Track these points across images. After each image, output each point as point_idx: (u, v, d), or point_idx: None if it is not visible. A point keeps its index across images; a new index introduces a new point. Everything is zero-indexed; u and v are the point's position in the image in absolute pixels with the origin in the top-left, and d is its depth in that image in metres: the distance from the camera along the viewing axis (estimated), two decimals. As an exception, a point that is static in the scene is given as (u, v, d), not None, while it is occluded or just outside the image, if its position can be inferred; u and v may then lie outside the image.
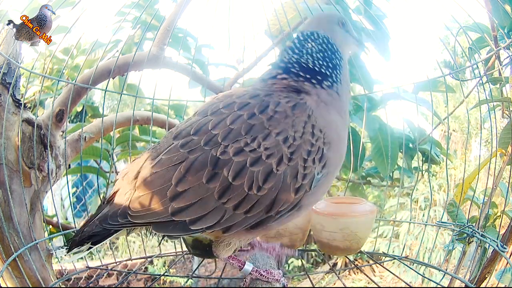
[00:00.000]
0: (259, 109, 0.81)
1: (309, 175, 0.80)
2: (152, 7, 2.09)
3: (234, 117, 0.80)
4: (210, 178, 0.76)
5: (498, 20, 1.36)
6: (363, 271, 1.44)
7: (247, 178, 0.76)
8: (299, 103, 0.83)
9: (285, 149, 0.78)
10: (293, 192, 0.79)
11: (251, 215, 0.78)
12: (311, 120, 0.82)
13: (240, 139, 0.78)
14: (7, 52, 1.18)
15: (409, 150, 2.00)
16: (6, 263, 1.00)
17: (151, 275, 3.52)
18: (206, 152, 0.77)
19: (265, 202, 0.78)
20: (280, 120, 0.80)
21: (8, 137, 1.26)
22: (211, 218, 0.77)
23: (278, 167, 0.77)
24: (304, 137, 0.80)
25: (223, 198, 0.76)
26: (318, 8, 1.53)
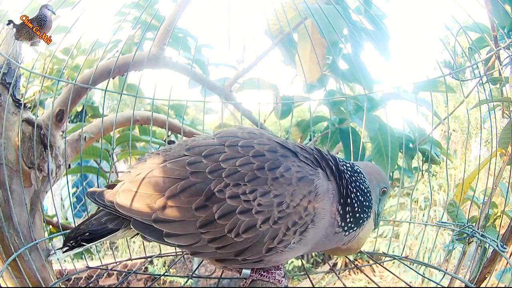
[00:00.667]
0: (269, 166, 0.83)
1: (284, 242, 0.83)
2: (152, 7, 2.09)
3: (245, 161, 0.83)
4: (199, 207, 0.80)
5: (498, 20, 1.36)
6: (363, 271, 1.44)
7: (231, 222, 0.80)
8: (307, 177, 0.85)
9: (275, 212, 0.81)
10: (264, 250, 0.83)
11: (221, 252, 0.83)
12: (311, 196, 0.84)
13: (241, 184, 0.81)
14: (7, 52, 1.18)
15: (409, 150, 2.00)
16: (6, 263, 1.00)
17: (151, 275, 3.52)
18: (207, 182, 0.81)
19: (238, 248, 0.82)
20: (283, 185, 0.82)
21: (8, 137, 1.26)
22: (185, 239, 0.81)
23: (262, 224, 0.81)
24: (297, 208, 0.83)
25: (204, 229, 0.80)
26: (318, 8, 1.53)
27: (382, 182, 1.02)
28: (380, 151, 1.83)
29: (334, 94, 1.96)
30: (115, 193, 0.84)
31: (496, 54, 1.27)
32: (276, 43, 1.91)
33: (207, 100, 1.69)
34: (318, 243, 0.91)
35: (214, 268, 1.55)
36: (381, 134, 1.81)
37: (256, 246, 0.82)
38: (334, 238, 0.91)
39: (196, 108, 5.65)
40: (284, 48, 1.97)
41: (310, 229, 0.85)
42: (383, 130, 1.80)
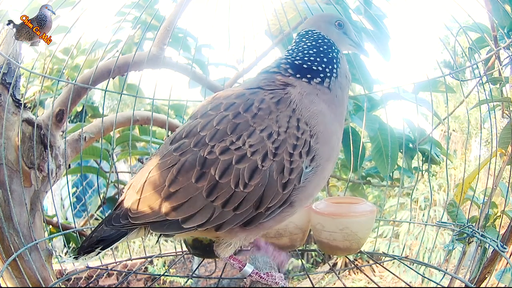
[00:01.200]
0: (244, 108, 0.83)
1: (296, 170, 0.81)
2: (152, 7, 2.09)
3: (220, 117, 0.83)
4: (198, 177, 0.79)
5: (498, 20, 1.36)
6: (363, 271, 1.44)
7: (233, 176, 0.78)
8: (283, 97, 0.84)
9: (269, 144, 0.79)
10: (280, 188, 0.80)
11: (240, 212, 0.80)
12: (296, 114, 0.83)
13: (226, 138, 0.80)
14: (7, 52, 1.18)
15: (409, 150, 2.00)
16: (6, 263, 1.00)
17: (151, 275, 3.52)
18: (195, 153, 0.80)
19: (253, 199, 0.79)
20: (264, 117, 0.81)
21: (8, 137, 1.26)
22: (201, 216, 0.79)
23: (263, 163, 0.79)
24: (289, 131, 0.81)
25: (211, 196, 0.79)
26: (318, 8, 1.53)
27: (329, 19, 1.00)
28: (380, 151, 1.83)
29: (334, 94, 1.95)
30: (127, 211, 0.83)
31: (496, 54, 1.27)
32: (276, 43, 1.90)
33: (207, 100, 1.69)
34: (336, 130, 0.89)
35: (214, 268, 1.55)
36: (381, 134, 1.81)
37: (269, 188, 0.79)
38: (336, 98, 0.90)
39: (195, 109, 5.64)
40: (284, 48, 1.96)
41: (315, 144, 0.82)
42: (383, 130, 1.80)
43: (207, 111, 0.86)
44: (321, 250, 1.32)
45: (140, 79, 1.72)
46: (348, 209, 1.23)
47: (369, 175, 2.31)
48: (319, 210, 1.23)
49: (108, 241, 0.84)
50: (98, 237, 0.84)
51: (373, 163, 2.16)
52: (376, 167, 2.00)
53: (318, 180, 0.86)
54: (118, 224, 0.83)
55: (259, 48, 1.94)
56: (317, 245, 1.34)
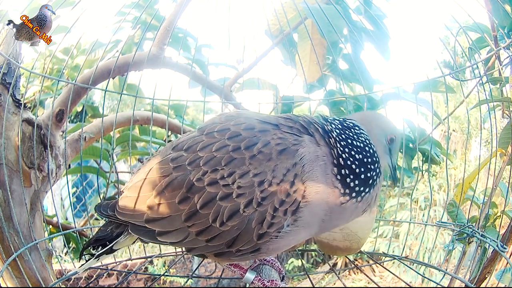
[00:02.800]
0: (246, 144, 0.79)
1: (276, 225, 0.77)
2: (152, 7, 2.09)
3: (221, 145, 0.80)
4: (182, 200, 0.79)
5: (498, 20, 1.36)
6: (363, 271, 1.44)
7: (213, 211, 0.77)
8: (289, 148, 0.78)
9: (258, 192, 0.75)
10: (255, 237, 0.77)
11: (212, 245, 0.80)
12: (296, 169, 0.76)
13: (219, 169, 0.78)
14: (7, 52, 1.18)
15: (409, 150, 2.00)
16: (6, 263, 1.00)
17: (151, 275, 3.52)
18: (186, 173, 0.79)
19: (226, 238, 0.78)
20: (262, 161, 0.77)
21: (8, 137, 1.26)
22: (175, 235, 0.80)
23: (245, 208, 0.76)
24: (282, 185, 0.75)
25: (189, 222, 0.79)
26: (318, 8, 1.53)
27: (387, 129, 0.89)
28: (380, 151, 1.82)
29: (334, 94, 1.96)
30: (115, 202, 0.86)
31: (496, 54, 1.27)
32: (276, 43, 1.90)
33: (207, 100, 1.70)
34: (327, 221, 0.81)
35: (214, 268, 1.55)
36: (381, 134, 1.80)
37: (245, 233, 0.77)
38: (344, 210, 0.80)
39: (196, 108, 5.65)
40: (284, 48, 1.96)
41: (304, 207, 0.76)
42: (383, 130, 1.80)
43: (213, 132, 0.83)
44: (321, 250, 1.32)
45: (140, 79, 1.71)
46: (348, 209, 1.23)
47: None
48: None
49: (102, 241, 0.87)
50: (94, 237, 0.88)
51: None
52: (376, 167, 1.99)
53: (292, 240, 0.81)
54: (105, 212, 0.86)
55: (259, 48, 1.94)
56: (317, 245, 1.34)
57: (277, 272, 1.00)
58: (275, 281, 0.91)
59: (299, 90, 2.23)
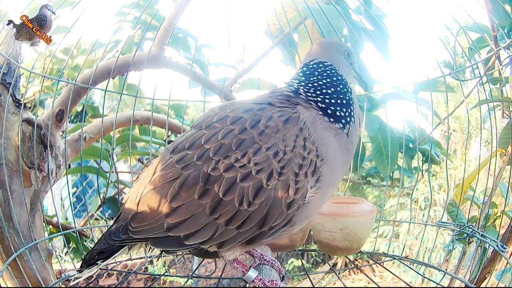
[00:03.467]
0: (251, 123, 0.80)
1: (301, 189, 0.79)
2: (152, 7, 2.09)
3: (225, 131, 0.80)
4: (201, 194, 0.77)
5: (498, 20, 1.36)
6: (363, 271, 1.44)
7: (237, 194, 0.76)
8: (291, 117, 0.82)
9: (275, 163, 0.77)
10: (285, 207, 0.78)
11: (244, 231, 0.79)
12: (303, 133, 0.81)
13: (231, 154, 0.78)
14: (7, 52, 1.18)
15: (409, 150, 2.00)
16: (6, 263, 1.00)
17: (151, 275, 3.52)
18: (199, 168, 0.78)
19: (257, 218, 0.78)
20: (271, 135, 0.79)
21: (8, 137, 1.26)
22: (203, 233, 0.78)
23: (268, 182, 0.77)
24: (295, 150, 0.79)
25: (215, 213, 0.77)
26: (318, 8, 1.53)
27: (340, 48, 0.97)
28: (380, 151, 1.83)
29: (334, 94, 1.95)
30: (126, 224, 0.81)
31: (496, 54, 1.27)
32: (276, 43, 1.90)
33: (207, 100, 1.70)
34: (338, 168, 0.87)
35: (214, 268, 1.54)
36: (381, 134, 1.81)
37: (274, 207, 0.77)
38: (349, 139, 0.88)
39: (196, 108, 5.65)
40: (284, 48, 1.96)
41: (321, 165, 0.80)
42: (383, 130, 1.80)
43: (213, 123, 0.84)
44: (321, 250, 1.32)
45: (140, 79, 1.72)
46: (348, 209, 1.23)
47: (369, 175, 2.31)
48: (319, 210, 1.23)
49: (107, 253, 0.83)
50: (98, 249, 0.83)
51: (373, 163, 2.16)
52: (376, 167, 2.00)
53: (319, 201, 0.85)
54: (118, 238, 0.82)
55: (259, 48, 1.94)
56: (317, 245, 1.34)
57: (277, 272, 1.00)
58: (275, 281, 0.90)
59: (299, 90, 2.23)
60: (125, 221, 0.82)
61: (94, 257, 0.83)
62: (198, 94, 2.14)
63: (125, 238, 0.81)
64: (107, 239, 0.83)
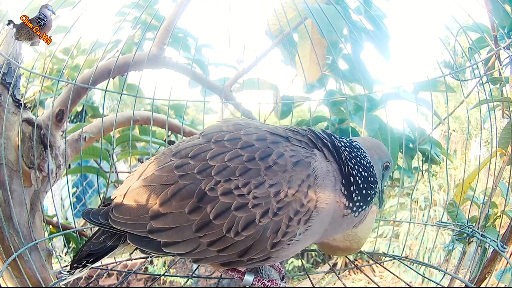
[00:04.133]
0: (260, 155, 0.79)
1: (290, 234, 0.78)
2: (152, 7, 2.09)
3: (233, 154, 0.79)
4: (192, 209, 0.76)
5: (498, 20, 1.36)
6: (363, 271, 1.44)
7: (228, 221, 0.76)
8: (302, 160, 0.80)
9: (273, 202, 0.76)
10: (269, 246, 0.78)
11: (223, 255, 0.79)
12: (309, 180, 0.79)
13: (233, 179, 0.77)
14: (7, 52, 1.18)
15: (409, 150, 2.00)
16: (6, 263, 1.00)
17: (151, 275, 3.52)
18: (196, 183, 0.77)
19: (240, 247, 0.77)
20: (277, 172, 0.78)
21: (8, 137, 1.26)
22: (184, 246, 0.78)
23: (261, 218, 0.76)
24: (296, 195, 0.77)
25: (200, 232, 0.76)
26: (318, 8, 1.53)
27: (384, 156, 0.96)
28: (380, 151, 1.82)
29: (334, 94, 1.96)
30: (108, 210, 0.81)
31: (496, 54, 1.27)
32: (276, 43, 1.90)
33: (207, 100, 1.70)
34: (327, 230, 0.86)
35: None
36: (381, 134, 1.81)
37: (259, 242, 0.77)
38: (343, 221, 0.85)
39: (196, 108, 5.65)
40: (284, 48, 1.97)
41: (314, 217, 0.79)
42: (383, 130, 1.80)
43: (223, 140, 0.82)
44: (321, 250, 1.32)
45: (140, 79, 1.71)
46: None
47: (369, 175, 2.30)
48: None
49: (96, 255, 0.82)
50: (87, 251, 0.82)
51: (373, 163, 2.15)
52: (376, 167, 1.99)
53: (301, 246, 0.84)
54: (96, 220, 0.81)
55: (259, 48, 1.94)
56: (317, 245, 1.34)
57: (277, 272, 1.00)
58: (275, 280, 0.90)
59: (299, 90, 2.23)
60: (109, 208, 0.82)
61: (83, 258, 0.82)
62: (198, 94, 2.14)
63: (103, 223, 0.81)
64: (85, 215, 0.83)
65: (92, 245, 0.83)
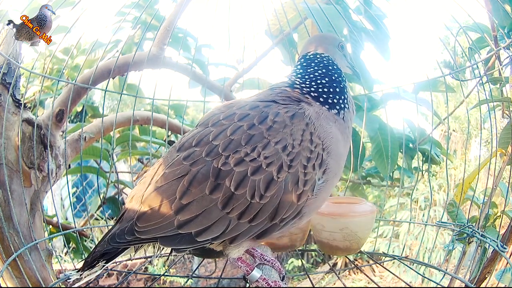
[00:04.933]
0: (259, 120, 0.83)
1: (310, 181, 0.82)
2: (152, 7, 2.09)
3: (234, 128, 0.82)
4: (213, 189, 0.77)
5: (498, 20, 1.36)
6: (363, 271, 1.44)
7: (249, 187, 0.78)
8: (297, 112, 0.86)
9: (284, 157, 0.80)
10: (295, 198, 0.81)
11: (256, 224, 0.79)
12: (309, 127, 0.84)
13: (240, 149, 0.80)
14: (7, 52, 1.18)
15: (409, 150, 2.00)
16: (6, 263, 1.00)
17: (151, 275, 3.52)
18: (208, 164, 0.79)
19: (269, 210, 0.79)
20: (279, 130, 0.82)
21: (8, 137, 1.26)
22: (216, 228, 0.78)
23: (278, 174, 0.79)
24: (303, 144, 0.82)
25: (227, 208, 0.77)
26: (318, 8, 1.53)
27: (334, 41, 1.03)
28: (380, 151, 1.83)
29: (334, 94, 1.95)
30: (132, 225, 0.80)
31: (496, 54, 1.27)
32: (276, 43, 1.90)
33: (207, 100, 1.70)
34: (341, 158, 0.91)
35: (214, 268, 1.54)
36: (381, 134, 1.81)
37: (285, 199, 0.80)
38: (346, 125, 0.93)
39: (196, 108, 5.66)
40: (284, 48, 1.96)
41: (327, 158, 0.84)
42: (383, 130, 1.80)
43: (220, 120, 0.85)
44: (321, 250, 1.32)
45: (140, 79, 1.72)
46: (348, 209, 1.23)
47: (369, 175, 2.31)
48: (319, 210, 1.23)
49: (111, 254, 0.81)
50: (101, 251, 0.81)
51: (373, 163, 2.16)
52: (376, 167, 2.00)
53: (326, 193, 0.88)
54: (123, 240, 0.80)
55: (259, 48, 1.94)
56: (317, 245, 1.34)
57: (277, 272, 1.00)
58: (277, 281, 0.90)
59: (299, 90, 2.23)
60: (130, 222, 0.80)
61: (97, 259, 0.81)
62: (198, 94, 2.14)
63: (132, 240, 0.80)
64: (111, 242, 0.81)
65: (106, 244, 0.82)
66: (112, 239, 0.81)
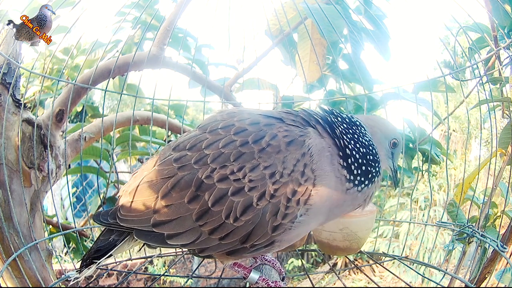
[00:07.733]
0: (254, 138, 0.79)
1: (290, 215, 0.77)
2: (152, 7, 2.09)
3: (227, 141, 0.79)
4: (192, 199, 0.77)
5: (498, 20, 1.36)
6: (363, 271, 1.44)
7: (226, 207, 0.76)
8: (296, 139, 0.79)
9: (270, 184, 0.76)
10: (270, 229, 0.77)
11: (226, 243, 0.78)
12: (305, 158, 0.78)
13: (228, 165, 0.77)
14: (7, 52, 1.18)
15: (409, 150, 2.00)
16: (6, 263, 1.00)
17: (151, 275, 3.52)
18: (193, 172, 0.78)
19: (241, 233, 0.77)
20: (271, 154, 0.77)
21: (8, 137, 1.26)
22: (186, 237, 0.78)
23: (259, 201, 0.76)
24: (293, 175, 0.76)
25: (200, 220, 0.77)
26: (318, 8, 1.53)
27: (390, 133, 0.92)
28: (380, 151, 1.82)
29: (334, 94, 1.96)
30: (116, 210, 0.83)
31: (496, 54, 1.27)
32: (276, 43, 1.90)
33: (207, 100, 1.70)
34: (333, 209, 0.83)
35: (214, 268, 1.54)
36: (381, 134, 1.80)
37: (259, 227, 0.76)
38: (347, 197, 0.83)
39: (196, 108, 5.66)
40: (284, 48, 1.96)
41: (314, 196, 0.77)
42: (383, 130, 1.79)
43: (217, 129, 0.83)
44: (321, 250, 1.32)
45: (140, 79, 1.72)
46: (348, 209, 1.23)
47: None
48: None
49: (102, 251, 0.83)
50: (94, 248, 0.84)
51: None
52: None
53: (304, 228, 0.83)
54: (105, 221, 0.83)
55: (259, 48, 1.94)
56: (317, 245, 1.34)
57: (277, 273, 1.00)
58: (277, 282, 0.90)
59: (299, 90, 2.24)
60: (116, 208, 0.84)
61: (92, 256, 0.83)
62: (198, 94, 2.14)
63: (112, 223, 0.82)
64: (95, 218, 0.84)
65: (99, 242, 0.86)
66: (96, 216, 0.85)
